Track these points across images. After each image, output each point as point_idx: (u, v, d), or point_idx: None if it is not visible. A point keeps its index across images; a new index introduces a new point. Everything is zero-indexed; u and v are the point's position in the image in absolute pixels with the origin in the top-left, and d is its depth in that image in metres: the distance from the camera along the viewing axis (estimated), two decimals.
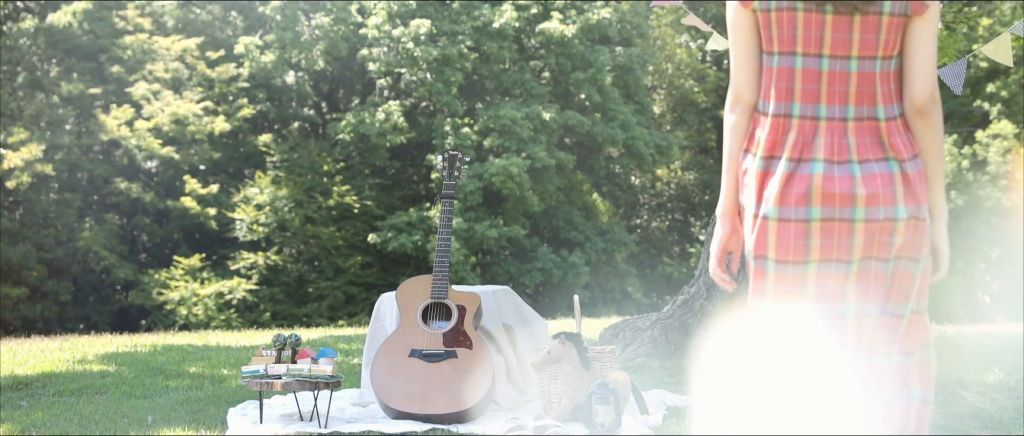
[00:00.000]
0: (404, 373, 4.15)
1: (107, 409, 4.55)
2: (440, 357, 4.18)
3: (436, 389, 4.10)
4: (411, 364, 4.17)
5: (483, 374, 4.12)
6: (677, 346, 5.31)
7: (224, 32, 21.45)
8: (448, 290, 4.33)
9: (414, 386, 4.12)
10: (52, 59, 20.04)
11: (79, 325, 17.79)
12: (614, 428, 3.83)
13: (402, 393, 4.10)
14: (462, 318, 4.27)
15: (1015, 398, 4.78)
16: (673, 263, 22.55)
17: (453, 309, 4.29)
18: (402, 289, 4.40)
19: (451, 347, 4.20)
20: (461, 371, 4.13)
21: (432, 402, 4.06)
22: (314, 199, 18.42)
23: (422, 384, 4.12)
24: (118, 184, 18.57)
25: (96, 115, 18.66)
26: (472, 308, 4.28)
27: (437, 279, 4.34)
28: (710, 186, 23.57)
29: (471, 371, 4.13)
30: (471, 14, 18.11)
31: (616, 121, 19.06)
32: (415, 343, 4.24)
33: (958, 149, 21.64)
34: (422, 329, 4.27)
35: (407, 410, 4.05)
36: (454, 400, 4.07)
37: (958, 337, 7.59)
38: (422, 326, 4.28)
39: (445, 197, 4.56)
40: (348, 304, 17.77)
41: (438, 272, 4.35)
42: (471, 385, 4.11)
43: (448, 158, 4.67)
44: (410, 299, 4.35)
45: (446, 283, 4.33)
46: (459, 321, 4.27)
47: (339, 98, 21.93)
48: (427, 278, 4.38)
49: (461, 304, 4.30)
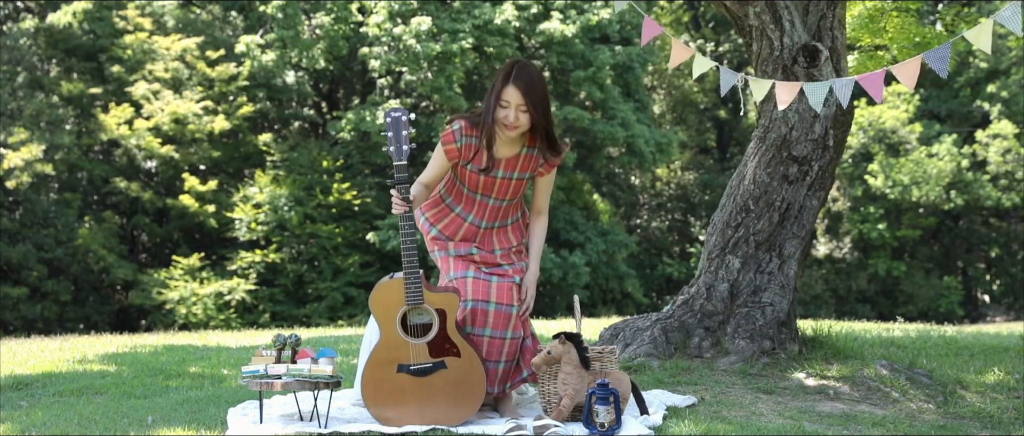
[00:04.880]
0: (395, 391, 3.97)
1: (107, 409, 4.55)
2: (429, 370, 3.97)
3: (431, 404, 3.95)
4: (401, 381, 3.97)
5: (476, 384, 3.97)
6: (677, 346, 5.31)
7: (224, 32, 21.45)
8: (422, 293, 3.93)
9: (408, 405, 3.96)
10: (52, 59, 20.04)
11: (79, 325, 17.80)
12: (614, 428, 3.83)
13: (398, 414, 3.96)
14: (443, 323, 3.96)
15: (1015, 398, 4.78)
16: (673, 263, 22.57)
17: (433, 314, 3.96)
18: (374, 298, 3.99)
19: (438, 357, 3.97)
20: (453, 383, 3.96)
21: (429, 416, 3.96)
22: (314, 197, 18.42)
23: (416, 400, 3.96)
24: (118, 184, 18.57)
25: (96, 115, 18.66)
26: (453, 310, 3.98)
27: (409, 282, 3.92)
28: (710, 186, 23.58)
29: (463, 382, 3.96)
30: (472, 12, 18.12)
31: (616, 119, 19.08)
32: (401, 357, 3.96)
33: (958, 149, 21.64)
34: (405, 340, 3.96)
35: (406, 427, 3.92)
36: (451, 414, 3.96)
37: (958, 337, 7.59)
38: (403, 336, 3.96)
39: (398, 183, 3.97)
40: (347, 305, 17.76)
41: (409, 274, 3.92)
42: (466, 397, 3.96)
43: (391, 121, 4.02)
44: (385, 308, 3.97)
45: (420, 286, 3.92)
46: (441, 327, 3.95)
47: (339, 97, 21.93)
48: (400, 282, 3.96)
49: (440, 308, 3.95)
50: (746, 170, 5.51)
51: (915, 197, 21.12)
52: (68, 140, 18.16)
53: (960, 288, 22.73)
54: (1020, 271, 22.91)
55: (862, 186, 22.02)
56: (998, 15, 3.77)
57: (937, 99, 23.38)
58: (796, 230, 5.43)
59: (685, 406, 4.37)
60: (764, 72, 5.42)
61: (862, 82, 4.06)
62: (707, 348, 5.25)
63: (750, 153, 5.54)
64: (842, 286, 22.88)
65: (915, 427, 4.14)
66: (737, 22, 5.61)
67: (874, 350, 6.04)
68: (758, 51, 5.46)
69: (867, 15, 6.43)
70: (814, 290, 22.25)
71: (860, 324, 9.49)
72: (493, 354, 4.11)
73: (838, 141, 5.50)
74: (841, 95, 4.11)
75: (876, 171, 21.48)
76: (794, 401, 4.52)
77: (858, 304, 22.09)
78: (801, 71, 5.31)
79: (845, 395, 4.65)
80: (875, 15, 6.38)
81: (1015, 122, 21.52)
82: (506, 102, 4.06)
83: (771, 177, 5.41)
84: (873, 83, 4.04)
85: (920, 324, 10.57)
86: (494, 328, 4.11)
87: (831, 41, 5.42)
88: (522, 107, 4.06)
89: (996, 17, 3.77)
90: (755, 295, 5.35)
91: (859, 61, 6.49)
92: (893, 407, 4.50)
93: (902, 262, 22.34)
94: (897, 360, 5.56)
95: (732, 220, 5.47)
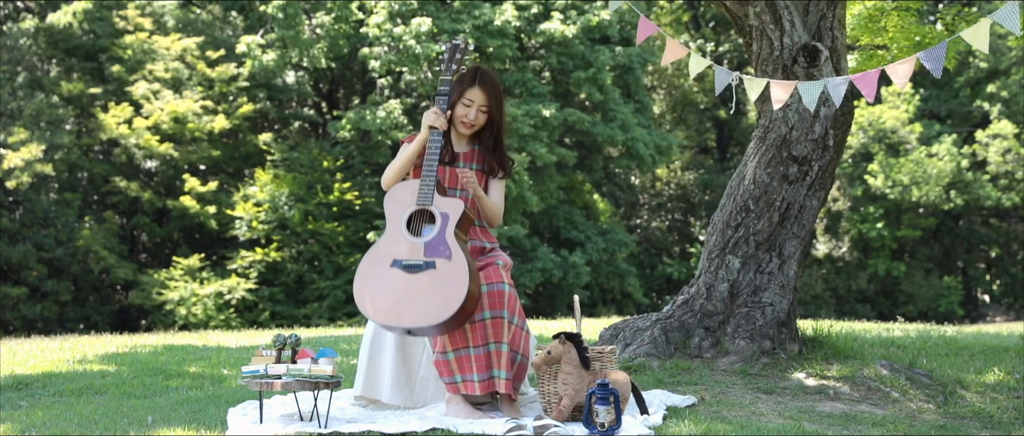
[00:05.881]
0: (383, 284, 4.08)
1: (107, 409, 4.55)
2: (419, 268, 4.08)
3: (410, 302, 4.04)
4: (392, 275, 4.09)
5: (456, 286, 4.02)
6: (677, 346, 5.31)
7: (224, 32, 21.45)
8: (433, 197, 4.16)
9: (389, 298, 4.07)
10: (52, 59, 20.04)
11: (79, 325, 17.80)
12: (614, 428, 3.83)
13: (378, 306, 4.07)
14: (445, 226, 4.13)
15: (1015, 398, 4.78)
16: (673, 263, 22.57)
17: (437, 216, 4.15)
18: (390, 196, 4.24)
19: (431, 257, 4.10)
20: (437, 282, 4.04)
21: (406, 316, 4.03)
22: (315, 195, 18.41)
23: (398, 296, 4.06)
24: (117, 183, 18.57)
25: (96, 115, 18.66)
26: (455, 215, 4.15)
27: (424, 185, 4.18)
28: (710, 186, 23.58)
29: (445, 285, 4.03)
30: (472, 13, 18.12)
31: (616, 121, 19.08)
32: (397, 252, 4.12)
33: (958, 149, 21.64)
34: (405, 237, 4.15)
35: (382, 322, 4.07)
36: (424, 314, 4.01)
37: (958, 337, 7.59)
38: (406, 234, 4.15)
39: (439, 94, 4.34)
40: (348, 303, 17.76)
41: (426, 178, 4.19)
42: (443, 297, 4.02)
43: (449, 48, 4.43)
44: (396, 205, 4.21)
45: (432, 189, 4.17)
46: (442, 229, 4.13)
47: (339, 97, 21.93)
48: (416, 184, 4.22)
49: (445, 211, 4.15)
50: (746, 170, 5.51)
51: (915, 197, 21.12)
52: (68, 140, 18.16)
53: (960, 288, 22.72)
54: (1020, 271, 22.91)
55: (862, 186, 22.02)
56: (995, 14, 3.76)
57: (937, 99, 23.39)
58: (796, 230, 5.44)
59: (685, 406, 4.37)
60: (764, 72, 5.42)
61: (856, 81, 4.07)
62: (707, 348, 5.25)
63: (750, 153, 5.55)
64: (842, 286, 22.88)
65: (915, 427, 4.14)
66: (737, 22, 5.61)
67: (874, 350, 6.05)
68: (758, 51, 5.46)
69: (867, 15, 6.44)
70: (814, 290, 22.25)
71: (860, 324, 9.49)
72: (498, 335, 4.13)
73: (838, 141, 5.50)
74: (834, 94, 4.11)
75: (876, 171, 21.48)
76: (794, 401, 4.52)
77: (858, 304, 22.09)
78: (801, 71, 5.31)
79: (845, 395, 4.65)
80: (875, 15, 6.38)
81: (1015, 122, 21.51)
82: (469, 101, 4.40)
83: (771, 177, 5.41)
84: (867, 82, 4.05)
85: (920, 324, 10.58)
86: (491, 309, 4.13)
87: (831, 41, 5.42)
88: (483, 108, 4.38)
89: (993, 16, 3.77)
90: (755, 295, 5.35)
91: (859, 61, 6.50)
92: (893, 407, 4.50)
93: (902, 262, 22.34)
94: (897, 360, 5.56)
95: (732, 220, 5.48)
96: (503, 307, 4.15)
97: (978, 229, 23.29)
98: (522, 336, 4.23)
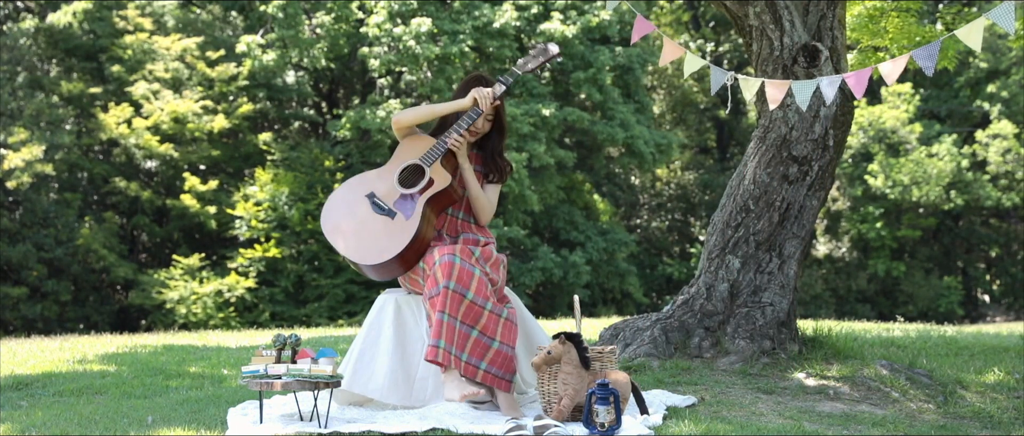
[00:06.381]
0: (349, 205, 4.38)
1: (107, 409, 4.55)
2: (382, 211, 4.33)
3: (356, 234, 4.30)
4: (361, 203, 4.37)
5: (396, 242, 4.23)
6: (677, 346, 5.31)
7: (224, 32, 21.45)
8: (434, 160, 4.38)
9: (346, 221, 4.35)
10: (52, 59, 20.04)
11: (79, 325, 17.79)
12: (614, 428, 3.83)
13: (332, 219, 4.37)
14: (424, 190, 4.34)
15: (1015, 398, 4.78)
16: (673, 263, 22.57)
17: (425, 179, 4.36)
18: (408, 139, 4.47)
19: (396, 209, 4.32)
20: (386, 231, 4.28)
21: (352, 249, 4.28)
22: (315, 195, 18.41)
23: (356, 226, 4.32)
24: (117, 183, 18.57)
25: (96, 115, 18.66)
26: (438, 186, 4.33)
27: (436, 147, 4.39)
28: (710, 186, 23.58)
29: (391, 235, 4.26)
30: (471, 13, 18.12)
31: (616, 120, 19.08)
32: (377, 188, 4.39)
33: (958, 149, 21.64)
34: (394, 180, 4.39)
35: (328, 233, 4.35)
36: (359, 248, 4.27)
37: (958, 337, 7.59)
38: (394, 179, 4.39)
39: (501, 82, 4.49)
40: (348, 303, 17.76)
41: (440, 143, 4.40)
42: (380, 245, 4.24)
43: (541, 50, 4.58)
44: (408, 152, 4.45)
45: (439, 154, 4.37)
46: (421, 191, 4.34)
47: (339, 97, 21.93)
48: (430, 141, 4.44)
49: (433, 178, 4.36)
50: (746, 170, 5.52)
51: (915, 197, 21.12)
52: (68, 140, 18.15)
53: (960, 288, 22.71)
54: (1020, 271, 22.91)
55: (862, 186, 22.01)
56: (990, 13, 3.76)
57: (937, 99, 23.38)
58: (796, 230, 5.44)
59: (685, 406, 4.37)
60: (764, 72, 5.42)
61: (847, 79, 4.07)
62: (707, 348, 5.25)
63: (750, 153, 5.55)
64: (842, 286, 22.87)
65: (915, 427, 4.14)
66: (737, 22, 5.61)
67: (874, 350, 6.05)
68: (758, 51, 5.46)
69: (867, 15, 6.43)
70: (814, 290, 22.25)
71: (860, 324, 9.49)
72: (489, 330, 4.18)
73: (838, 141, 5.50)
74: (827, 93, 4.11)
75: (876, 171, 21.48)
76: (794, 401, 4.52)
77: (858, 304, 22.09)
78: (801, 71, 5.31)
79: (845, 395, 4.65)
80: (875, 15, 6.38)
81: (1015, 122, 21.51)
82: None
83: (771, 177, 5.41)
84: (858, 80, 4.05)
85: (920, 324, 10.58)
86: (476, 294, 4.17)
87: (831, 41, 5.42)
88: (490, 116, 4.52)
89: (988, 15, 3.76)
90: (755, 295, 5.35)
91: (859, 61, 6.49)
92: (893, 407, 4.50)
93: (902, 262, 22.33)
94: (897, 360, 5.56)
95: (732, 220, 5.48)
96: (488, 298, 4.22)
97: (978, 229, 23.29)
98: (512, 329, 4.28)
